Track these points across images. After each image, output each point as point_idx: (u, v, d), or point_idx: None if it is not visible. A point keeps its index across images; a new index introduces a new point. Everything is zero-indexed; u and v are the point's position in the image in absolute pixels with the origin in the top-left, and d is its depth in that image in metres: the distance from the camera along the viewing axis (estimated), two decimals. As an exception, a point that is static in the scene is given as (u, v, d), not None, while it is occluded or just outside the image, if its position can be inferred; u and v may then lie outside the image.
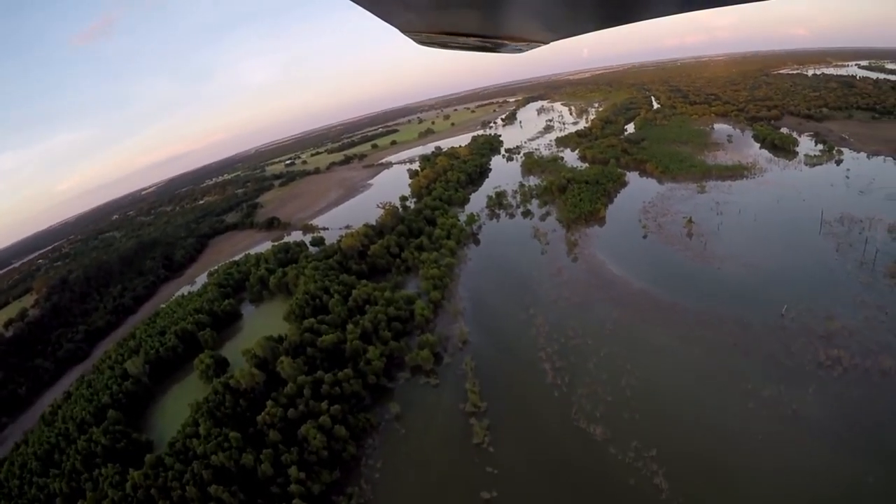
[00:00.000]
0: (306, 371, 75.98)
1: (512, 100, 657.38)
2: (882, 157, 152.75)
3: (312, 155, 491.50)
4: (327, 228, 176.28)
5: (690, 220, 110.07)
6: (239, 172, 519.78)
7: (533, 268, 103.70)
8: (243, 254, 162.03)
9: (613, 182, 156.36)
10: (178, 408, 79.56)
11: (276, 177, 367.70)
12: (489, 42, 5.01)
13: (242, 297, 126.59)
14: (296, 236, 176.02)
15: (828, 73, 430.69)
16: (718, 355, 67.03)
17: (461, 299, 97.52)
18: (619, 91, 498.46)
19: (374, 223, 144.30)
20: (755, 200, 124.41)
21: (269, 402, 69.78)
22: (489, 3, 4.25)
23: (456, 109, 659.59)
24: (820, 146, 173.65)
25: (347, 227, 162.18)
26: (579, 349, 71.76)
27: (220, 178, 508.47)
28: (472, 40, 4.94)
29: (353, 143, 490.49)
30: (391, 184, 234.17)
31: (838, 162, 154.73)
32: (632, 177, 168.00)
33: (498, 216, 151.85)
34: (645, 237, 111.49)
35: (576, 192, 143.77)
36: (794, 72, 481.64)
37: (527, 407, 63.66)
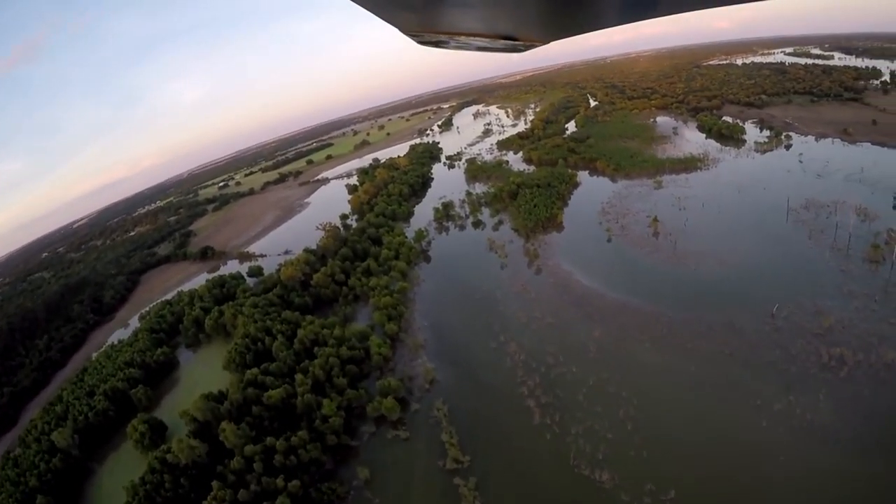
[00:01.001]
0: (253, 437, 70.57)
1: (446, 106, 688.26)
2: (830, 139, 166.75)
3: (246, 175, 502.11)
4: (265, 255, 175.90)
5: (656, 220, 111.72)
6: (172, 198, 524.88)
7: (495, 285, 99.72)
8: (176, 291, 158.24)
9: (566, 184, 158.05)
10: (114, 486, 73.15)
11: (210, 201, 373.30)
12: (488, 42, 5.35)
13: (178, 341, 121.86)
14: (232, 266, 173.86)
15: (757, 61, 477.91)
16: (717, 369, 65.36)
17: (420, 329, 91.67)
18: (554, 90, 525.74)
19: (315, 247, 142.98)
20: (716, 192, 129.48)
21: (214, 483, 63.15)
22: (489, 3, 4.54)
23: (390, 119, 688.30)
24: (766, 132, 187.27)
25: (287, 252, 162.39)
26: (564, 379, 67.55)
27: (153, 206, 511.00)
28: (471, 40, 5.29)
29: (288, 159, 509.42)
30: (330, 201, 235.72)
31: (787, 147, 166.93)
32: (583, 177, 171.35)
33: (447, 229, 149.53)
34: (609, 241, 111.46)
35: (528, 198, 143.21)
36: (724, 62, 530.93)
37: (517, 456, 57.93)
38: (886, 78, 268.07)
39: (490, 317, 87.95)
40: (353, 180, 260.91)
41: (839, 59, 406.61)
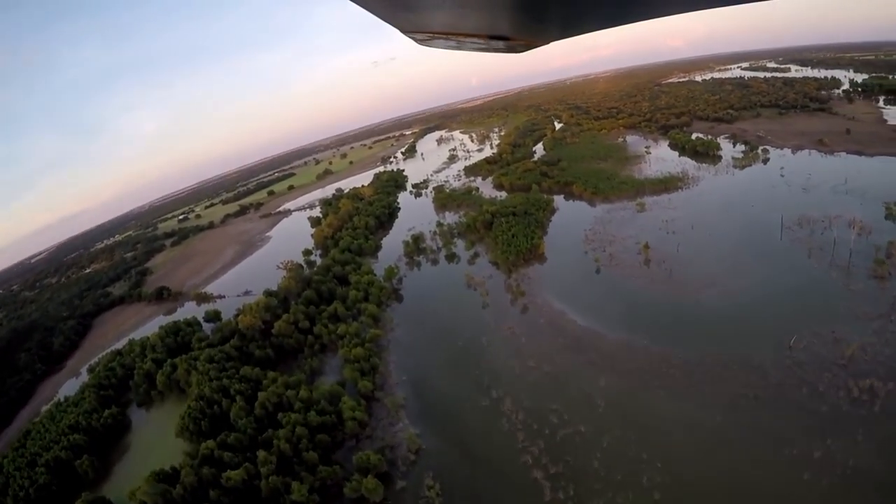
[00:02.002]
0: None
1: (408, 132, 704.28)
2: (806, 150, 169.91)
3: (207, 207, 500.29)
4: (223, 296, 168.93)
5: (647, 246, 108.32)
6: (130, 232, 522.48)
7: (479, 329, 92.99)
8: (127, 339, 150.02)
9: (543, 210, 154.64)
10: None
11: (168, 235, 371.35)
12: (489, 42, 5.47)
13: (129, 398, 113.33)
14: (189, 308, 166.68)
15: (716, 77, 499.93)
16: (744, 416, 60.11)
17: (399, 385, 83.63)
18: (517, 114, 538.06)
19: (277, 288, 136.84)
20: (703, 213, 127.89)
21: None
22: (489, 4, 4.66)
23: (352, 147, 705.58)
24: (742, 147, 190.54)
25: (247, 292, 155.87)
26: (574, 442, 60.63)
27: (111, 240, 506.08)
28: (471, 40, 5.45)
29: (249, 190, 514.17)
30: (292, 235, 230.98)
31: (765, 161, 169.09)
32: (560, 202, 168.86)
33: (419, 264, 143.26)
34: (599, 272, 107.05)
35: (505, 227, 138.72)
36: (684, 79, 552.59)
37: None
38: (847, 86, 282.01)
39: (477, 367, 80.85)
40: (316, 212, 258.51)
41: (796, 71, 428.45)
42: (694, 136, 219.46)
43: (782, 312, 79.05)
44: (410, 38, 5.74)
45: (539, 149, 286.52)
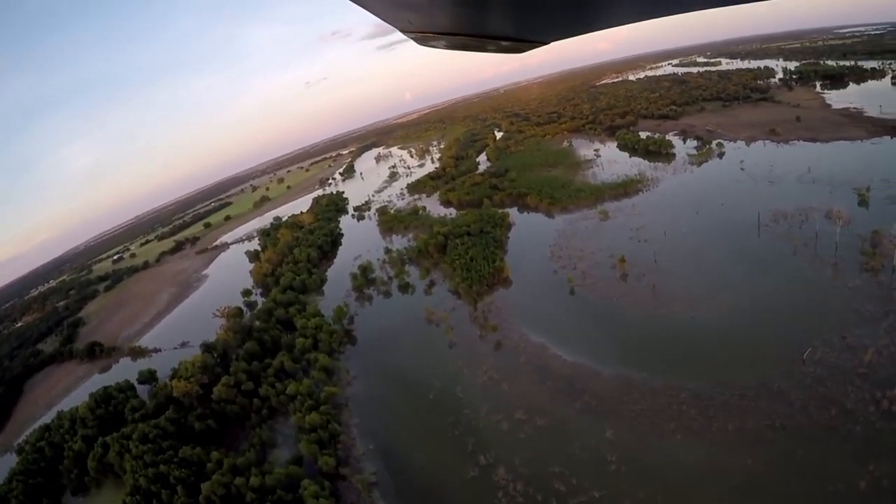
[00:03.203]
0: None
1: (345, 152, 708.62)
2: (760, 141, 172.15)
3: (142, 245, 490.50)
4: (159, 350, 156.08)
5: (623, 260, 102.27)
6: (65, 276, 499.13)
7: (449, 376, 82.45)
8: (56, 410, 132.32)
9: (499, 227, 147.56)
10: None
11: (102, 278, 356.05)
12: (488, 42, 5.61)
13: (62, 483, 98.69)
14: (124, 365, 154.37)
15: (649, 75, 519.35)
16: (774, 453, 53.57)
17: (366, 457, 71.61)
18: (455, 125, 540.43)
19: (214, 340, 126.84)
20: (672, 217, 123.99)
21: None
22: (489, 3, 4.83)
23: (289, 171, 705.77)
24: (694, 143, 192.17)
25: (184, 344, 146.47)
26: (590, 518, 51.58)
27: (46, 286, 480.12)
28: (471, 40, 5.58)
29: (186, 223, 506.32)
30: (230, 272, 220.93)
31: (721, 155, 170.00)
32: (515, 215, 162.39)
33: (370, 298, 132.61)
34: (573, 293, 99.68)
35: (461, 250, 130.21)
36: (618, 80, 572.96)
37: None
38: (782, 75, 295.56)
39: (456, 427, 70.26)
40: (255, 244, 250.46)
41: (727, 64, 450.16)
42: (643, 135, 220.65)
43: (785, 322, 74.30)
44: (410, 37, 5.80)
45: (483, 159, 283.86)
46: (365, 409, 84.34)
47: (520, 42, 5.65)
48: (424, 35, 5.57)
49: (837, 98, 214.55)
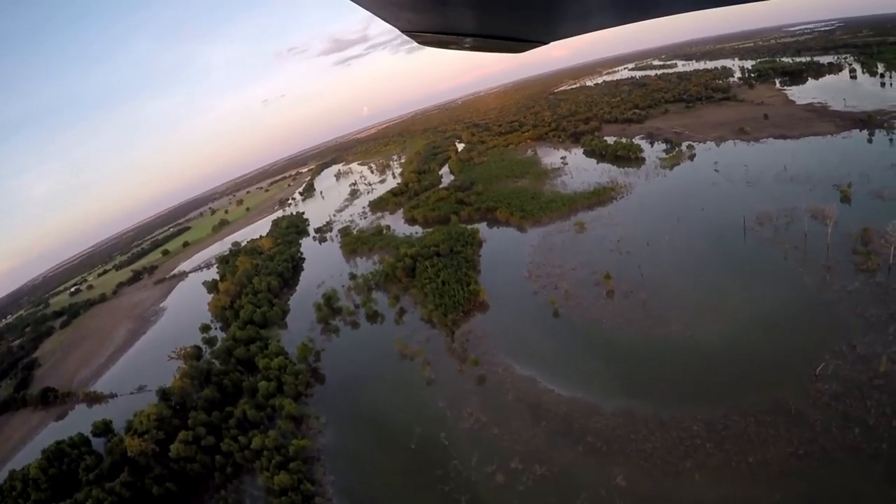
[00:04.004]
0: None
1: (305, 170, 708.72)
2: (730, 141, 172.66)
3: (100, 275, 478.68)
4: (115, 395, 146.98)
5: (608, 276, 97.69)
6: (22, 312, 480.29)
7: (431, 420, 75.16)
8: (9, 469, 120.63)
9: (470, 245, 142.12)
10: None
11: (59, 313, 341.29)
12: (489, 42, 5.78)
13: None
14: (80, 413, 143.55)
15: (607, 80, 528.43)
16: (803, 485, 50.20)
17: None
18: (415, 138, 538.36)
19: (171, 383, 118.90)
20: (651, 225, 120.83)
21: None
22: (489, 3, 4.92)
23: (249, 191, 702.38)
24: (663, 146, 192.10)
25: (140, 388, 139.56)
26: None
27: (2, 322, 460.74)
28: (471, 40, 5.73)
29: (144, 251, 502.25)
30: (188, 304, 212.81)
31: (692, 157, 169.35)
32: (485, 231, 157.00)
33: (337, 330, 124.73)
34: (557, 315, 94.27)
35: (431, 273, 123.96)
36: (576, 86, 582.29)
37: None
38: (740, 74, 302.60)
39: (445, 481, 62.80)
40: (214, 272, 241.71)
41: (683, 66, 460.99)
42: (611, 140, 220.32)
43: (790, 334, 71.20)
44: (411, 37, 5.87)
45: (446, 172, 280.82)
46: (340, 463, 76.57)
47: (519, 42, 5.81)
48: (424, 35, 5.66)
49: (799, 94, 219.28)
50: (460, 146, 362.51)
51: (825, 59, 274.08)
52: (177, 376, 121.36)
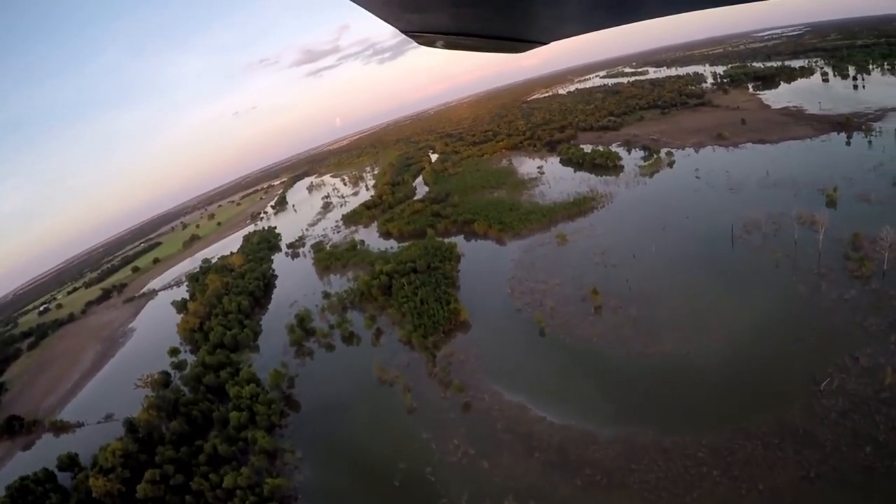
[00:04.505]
0: None
1: (277, 182, 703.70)
2: (709, 147, 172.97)
3: (70, 293, 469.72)
4: (83, 424, 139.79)
5: (595, 292, 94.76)
6: None
7: (415, 453, 70.27)
8: None
9: (447, 260, 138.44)
10: None
11: (27, 334, 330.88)
12: (489, 42, 5.81)
13: None
14: (46, 442, 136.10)
15: (580, 88, 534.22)
16: None
17: None
18: (387, 149, 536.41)
19: (138, 415, 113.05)
20: (636, 235, 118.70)
21: None
22: (489, 4, 4.96)
23: (220, 205, 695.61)
24: (641, 153, 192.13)
25: (108, 417, 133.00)
26: None
27: None
28: (472, 40, 5.76)
29: (114, 267, 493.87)
30: (157, 325, 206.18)
31: (671, 164, 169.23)
32: (463, 244, 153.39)
33: (311, 353, 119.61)
34: (544, 335, 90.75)
35: (408, 291, 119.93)
36: (548, 94, 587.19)
37: None
38: (712, 80, 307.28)
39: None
40: (184, 290, 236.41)
41: (654, 73, 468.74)
42: (587, 148, 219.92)
43: (789, 347, 69.33)
44: (411, 38, 5.90)
45: (420, 184, 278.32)
46: (318, 501, 71.80)
47: (519, 42, 5.84)
48: (425, 35, 5.67)
49: (774, 98, 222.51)
50: (434, 157, 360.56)
51: (796, 63, 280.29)
52: (144, 405, 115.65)
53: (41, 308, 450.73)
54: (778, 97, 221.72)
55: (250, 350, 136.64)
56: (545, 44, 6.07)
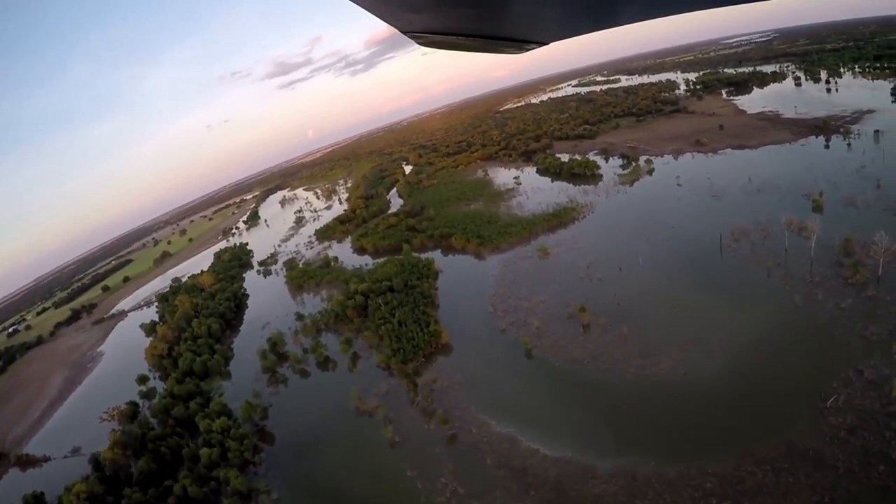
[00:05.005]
0: None
1: (249, 196, 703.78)
2: (688, 153, 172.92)
3: (39, 314, 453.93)
4: (49, 458, 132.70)
5: (583, 309, 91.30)
6: None
7: (401, 494, 64.35)
8: None
9: (425, 277, 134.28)
10: None
11: None
12: (489, 42, 5.85)
13: None
14: (13, 478, 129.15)
15: (553, 97, 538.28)
16: None
17: None
18: (361, 162, 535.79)
19: (104, 451, 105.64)
20: (621, 247, 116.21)
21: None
22: (489, 4, 5.00)
23: (192, 220, 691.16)
24: (619, 161, 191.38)
25: (75, 451, 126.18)
26: None
27: None
28: (471, 40, 5.81)
29: (84, 286, 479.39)
30: (126, 349, 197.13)
31: (651, 172, 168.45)
32: (441, 260, 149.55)
33: (285, 380, 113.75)
34: (531, 356, 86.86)
35: (385, 312, 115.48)
36: (521, 104, 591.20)
37: None
38: (685, 86, 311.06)
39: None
40: (154, 311, 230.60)
41: (626, 80, 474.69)
42: (564, 157, 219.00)
43: (790, 362, 67.02)
44: (410, 38, 5.93)
45: (395, 197, 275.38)
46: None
47: (520, 42, 5.85)
48: (425, 35, 5.69)
49: (749, 103, 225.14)
50: (408, 168, 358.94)
51: (768, 69, 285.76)
52: (110, 441, 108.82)
53: (10, 330, 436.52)
54: (753, 102, 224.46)
55: (221, 377, 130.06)
56: (545, 44, 6.09)
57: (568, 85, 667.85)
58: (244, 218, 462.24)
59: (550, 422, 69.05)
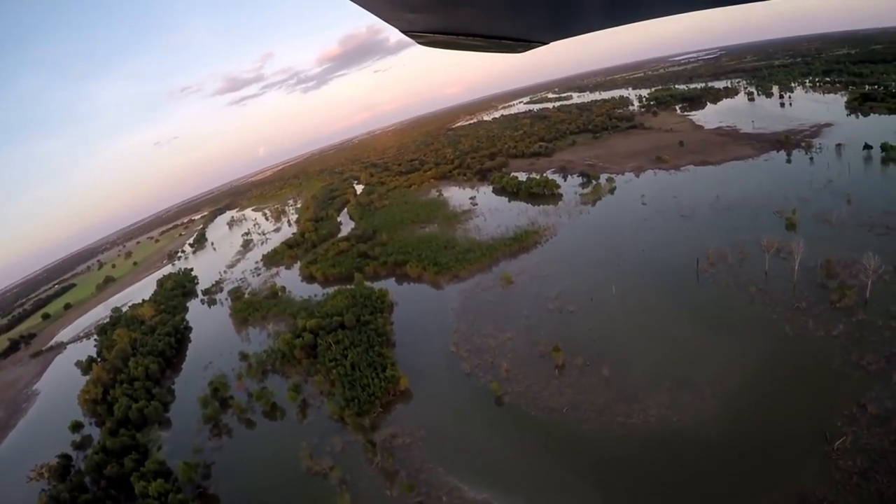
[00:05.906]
0: None
1: (197, 217, 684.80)
2: (650, 171, 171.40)
3: None
4: None
5: (557, 348, 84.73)
6: None
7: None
8: None
9: (379, 311, 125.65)
10: None
11: None
12: (489, 42, 5.89)
13: None
14: None
15: (505, 114, 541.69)
16: None
17: None
18: (311, 181, 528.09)
19: None
20: (589, 274, 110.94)
21: None
22: (489, 3, 5.09)
23: (139, 242, 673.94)
24: (578, 179, 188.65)
25: None
26: None
27: None
28: (472, 40, 5.84)
29: (25, 313, 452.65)
30: (62, 388, 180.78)
31: (612, 191, 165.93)
32: (395, 290, 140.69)
33: (229, 431, 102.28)
34: (501, 404, 79.26)
35: (336, 352, 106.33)
36: (473, 121, 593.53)
37: None
38: (638, 103, 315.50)
39: None
40: (94, 342, 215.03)
41: (578, 97, 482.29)
42: (521, 176, 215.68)
43: (789, 400, 62.65)
44: (410, 37, 6.00)
45: (345, 218, 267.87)
46: None
47: (520, 42, 5.90)
48: (425, 35, 5.75)
49: (704, 118, 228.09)
50: (359, 188, 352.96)
51: (719, 84, 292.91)
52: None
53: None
54: (708, 117, 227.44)
55: (160, 426, 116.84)
56: (545, 44, 6.05)
57: (520, 102, 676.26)
58: (190, 240, 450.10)
59: (530, 485, 61.24)
